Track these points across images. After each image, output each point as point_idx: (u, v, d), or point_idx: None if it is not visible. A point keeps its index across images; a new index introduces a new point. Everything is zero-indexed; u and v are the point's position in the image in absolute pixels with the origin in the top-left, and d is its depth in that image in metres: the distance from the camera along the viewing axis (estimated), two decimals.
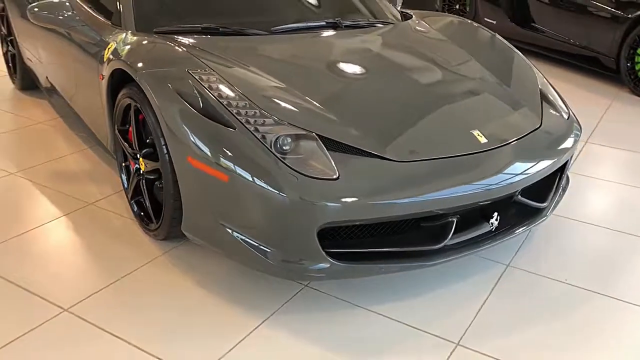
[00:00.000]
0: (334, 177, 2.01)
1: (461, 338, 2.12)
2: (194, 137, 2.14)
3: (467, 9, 7.00)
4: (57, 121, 3.98)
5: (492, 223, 2.31)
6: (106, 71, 2.63)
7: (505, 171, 2.26)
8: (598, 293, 2.41)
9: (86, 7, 3.13)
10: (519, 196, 2.42)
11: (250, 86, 2.26)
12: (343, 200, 1.98)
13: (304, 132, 2.10)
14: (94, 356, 1.97)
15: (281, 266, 2.12)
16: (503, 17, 6.48)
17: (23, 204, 2.92)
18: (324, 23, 2.93)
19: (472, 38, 3.14)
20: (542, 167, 2.38)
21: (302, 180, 1.99)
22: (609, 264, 2.62)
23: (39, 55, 3.74)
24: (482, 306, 2.30)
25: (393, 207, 2.04)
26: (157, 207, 2.52)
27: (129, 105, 2.54)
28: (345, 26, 2.97)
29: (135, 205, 2.68)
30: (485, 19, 6.73)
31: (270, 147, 2.04)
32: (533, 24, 6.23)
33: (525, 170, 2.31)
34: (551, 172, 2.51)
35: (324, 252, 2.06)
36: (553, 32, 5.98)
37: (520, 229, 2.46)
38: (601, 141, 4.05)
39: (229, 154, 2.07)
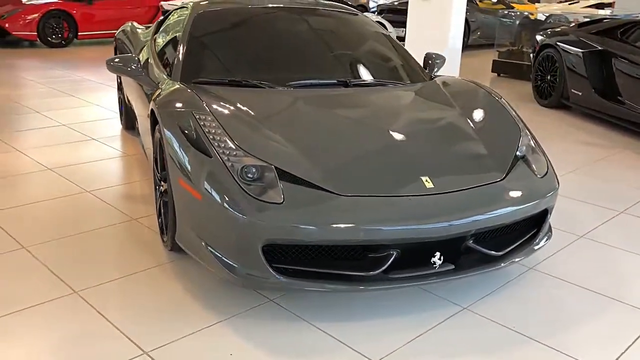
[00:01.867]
0: (279, 202, 2.41)
1: (382, 358, 2.36)
2: (184, 163, 2.65)
3: (557, 79, 7.04)
4: (141, 155, 4.75)
5: (434, 262, 2.54)
6: (149, 111, 3.26)
7: (444, 215, 2.50)
8: (538, 342, 2.51)
9: (157, 61, 3.86)
10: (471, 241, 2.62)
11: (236, 125, 2.75)
12: (281, 221, 2.37)
13: (265, 164, 2.53)
14: (81, 332, 2.46)
15: (245, 278, 2.51)
16: (589, 89, 6.46)
17: (83, 214, 3.61)
18: (335, 81, 3.38)
19: (472, 98, 3.38)
20: (490, 216, 2.58)
21: (252, 202, 2.40)
22: (566, 319, 2.69)
23: (130, 99, 4.56)
24: (418, 337, 2.51)
25: (325, 232, 2.38)
26: None
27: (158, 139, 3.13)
28: (354, 84, 3.39)
29: (160, 220, 3.23)
30: (572, 90, 6.75)
31: (236, 174, 2.49)
32: (619, 98, 6.15)
33: (468, 217, 2.53)
34: (509, 223, 2.69)
35: (269, 267, 2.44)
36: (636, 105, 5.86)
37: (471, 273, 2.65)
38: None
39: (204, 177, 2.54)
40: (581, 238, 3.55)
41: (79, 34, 11.22)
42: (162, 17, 4.76)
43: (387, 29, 10.76)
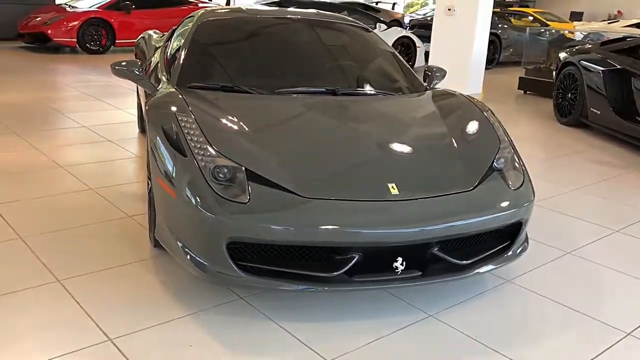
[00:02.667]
0: (245, 202, 2.50)
1: (334, 358, 2.41)
2: (163, 161, 2.78)
3: (577, 97, 6.96)
4: None
5: (396, 267, 2.58)
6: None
7: (405, 222, 2.55)
8: (497, 352, 2.51)
9: (162, 66, 4.02)
10: (436, 249, 2.66)
11: (215, 128, 2.86)
12: (244, 220, 2.46)
13: (236, 165, 2.63)
14: (53, 317, 2.59)
15: (214, 276, 2.60)
16: (607, 108, 6.37)
17: (83, 210, 3.77)
18: (323, 89, 3.47)
19: (458, 110, 3.41)
20: (453, 225, 2.62)
21: (218, 201, 2.50)
22: (532, 332, 2.69)
23: (143, 102, 4.75)
24: (376, 340, 2.55)
25: (285, 233, 2.46)
26: None
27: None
28: (342, 93, 3.47)
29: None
30: (591, 109, 6.67)
31: (207, 173, 2.59)
32: (637, 117, 6.04)
33: (430, 225, 2.57)
34: (476, 233, 2.72)
35: (233, 264, 2.53)
36: None
37: (436, 280, 2.68)
38: (638, 233, 3.92)
39: (178, 175, 2.66)
40: (568, 254, 3.52)
41: (117, 41, 11.64)
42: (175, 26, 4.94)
43: (415, 44, 10.82)
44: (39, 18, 11.52)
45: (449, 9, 8.41)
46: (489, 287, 3.06)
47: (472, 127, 3.24)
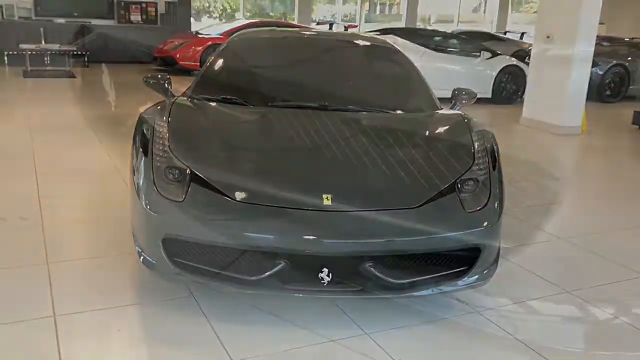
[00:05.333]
0: (179, 200, 2.65)
1: (243, 358, 2.46)
2: (133, 160, 3.02)
3: None
4: None
5: (322, 277, 2.57)
6: None
7: (329, 233, 2.54)
8: None
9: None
10: (369, 264, 2.60)
11: (181, 133, 3.03)
12: (174, 218, 2.61)
13: (184, 167, 2.79)
14: (19, 291, 2.92)
15: (161, 272, 2.77)
16: None
17: (113, 207, 4.13)
18: (315, 105, 3.52)
19: (445, 129, 3.32)
20: (381, 241, 2.56)
21: (157, 198, 2.68)
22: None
23: None
24: (292, 349, 2.54)
25: (210, 233, 2.56)
26: None
27: None
28: (333, 109, 3.50)
29: None
30: None
31: (157, 172, 2.78)
32: None
33: (354, 239, 2.54)
34: (415, 252, 2.62)
35: (168, 260, 2.67)
36: None
37: (367, 296, 2.63)
38: None
39: (136, 172, 2.89)
40: (565, 293, 3.21)
41: None
42: None
43: (524, 73, 10.32)
44: (175, 42, 12.68)
45: (548, 37, 7.98)
46: (448, 315, 2.89)
47: (447, 146, 3.12)
